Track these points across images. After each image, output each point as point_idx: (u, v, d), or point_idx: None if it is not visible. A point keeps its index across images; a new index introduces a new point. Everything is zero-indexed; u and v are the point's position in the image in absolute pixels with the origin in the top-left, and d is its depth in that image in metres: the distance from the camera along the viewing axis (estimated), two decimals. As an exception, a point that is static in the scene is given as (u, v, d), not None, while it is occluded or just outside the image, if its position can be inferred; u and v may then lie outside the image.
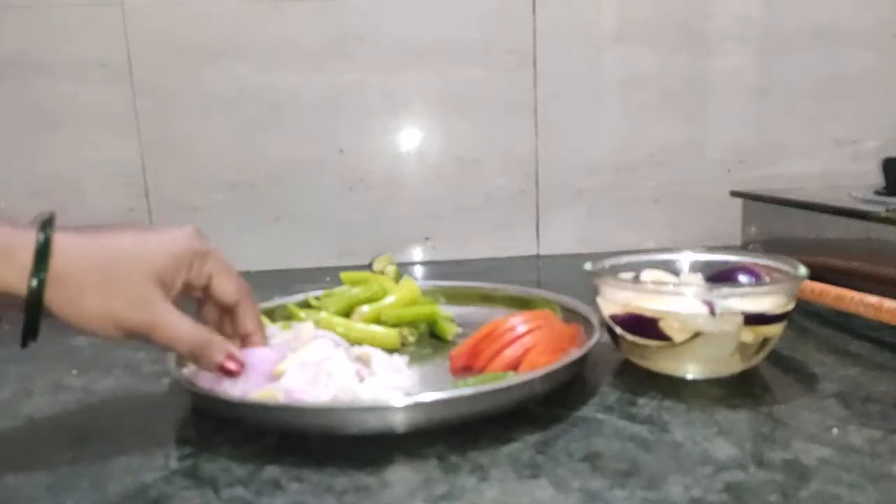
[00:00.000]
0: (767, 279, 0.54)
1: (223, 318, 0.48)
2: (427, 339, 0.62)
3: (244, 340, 0.47)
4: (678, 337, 0.49)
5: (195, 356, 0.43)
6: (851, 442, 0.40)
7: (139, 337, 0.41)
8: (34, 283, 0.38)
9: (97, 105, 0.91)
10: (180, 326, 0.42)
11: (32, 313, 0.39)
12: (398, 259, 0.93)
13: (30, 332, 0.39)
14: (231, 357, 0.44)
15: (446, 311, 0.64)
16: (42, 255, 0.38)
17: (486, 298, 0.69)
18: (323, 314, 0.61)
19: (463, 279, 0.72)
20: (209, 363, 0.43)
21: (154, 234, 0.43)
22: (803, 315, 0.63)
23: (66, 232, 0.39)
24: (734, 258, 0.58)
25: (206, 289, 0.45)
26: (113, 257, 0.40)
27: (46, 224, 0.39)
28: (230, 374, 0.44)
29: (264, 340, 0.48)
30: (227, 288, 0.46)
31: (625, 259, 0.58)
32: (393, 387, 0.48)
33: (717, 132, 1.01)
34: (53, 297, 0.38)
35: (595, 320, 0.55)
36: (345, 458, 0.40)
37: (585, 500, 0.35)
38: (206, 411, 0.47)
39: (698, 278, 0.58)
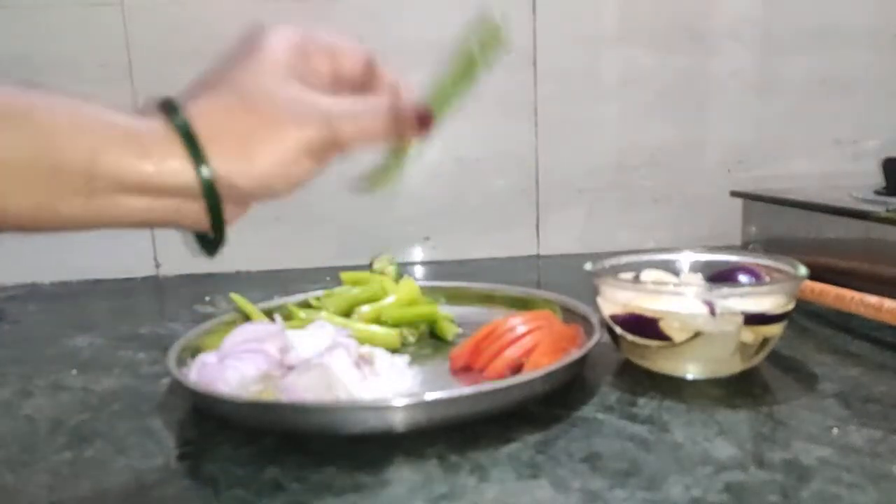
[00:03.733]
0: (767, 279, 0.54)
1: None
2: (427, 339, 0.62)
3: (394, 94, 0.39)
4: (678, 337, 0.49)
5: (394, 130, 0.37)
6: (851, 442, 0.40)
7: (329, 151, 0.36)
8: (197, 172, 0.32)
9: (97, 105, 0.91)
10: (359, 104, 0.36)
11: (213, 205, 0.33)
12: (398, 259, 0.93)
13: (219, 224, 0.34)
14: (423, 113, 0.39)
15: (446, 311, 0.64)
16: (189, 137, 0.33)
17: (486, 298, 0.69)
18: (323, 314, 0.61)
19: (463, 279, 0.72)
20: (409, 130, 0.38)
21: (249, 47, 0.38)
22: (803, 315, 0.63)
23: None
24: (734, 258, 0.58)
25: (329, 74, 0.39)
26: (238, 88, 0.35)
27: (171, 107, 0.34)
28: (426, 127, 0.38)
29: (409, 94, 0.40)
30: (353, 56, 0.39)
31: (625, 259, 0.58)
32: (394, 387, 0.48)
33: (717, 132, 1.01)
34: (221, 168, 0.33)
35: (595, 320, 0.55)
36: (345, 458, 0.40)
37: (585, 500, 0.35)
38: (206, 411, 0.47)
39: (698, 278, 0.58)
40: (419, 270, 0.95)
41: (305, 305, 0.65)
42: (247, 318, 0.61)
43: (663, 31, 0.97)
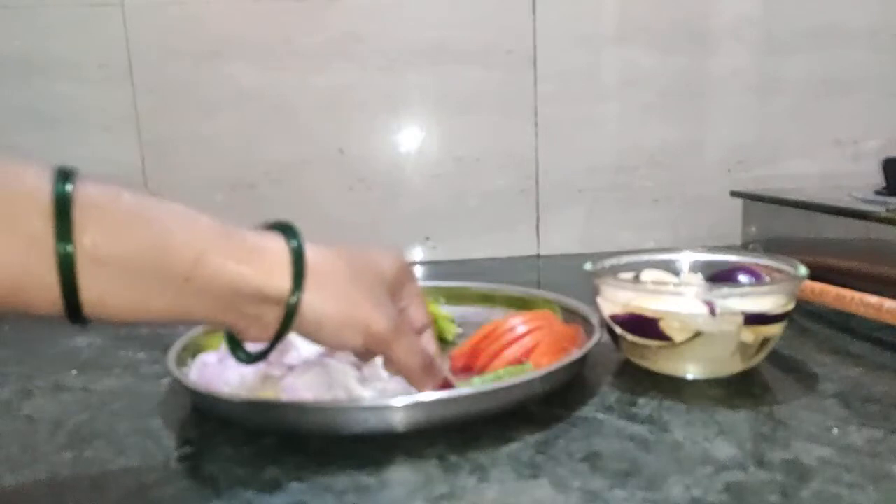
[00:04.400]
0: (767, 279, 0.54)
1: None
2: (427, 339, 0.62)
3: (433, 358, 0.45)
4: (678, 337, 0.49)
5: (421, 375, 0.42)
6: (851, 442, 0.40)
7: (375, 347, 0.39)
8: (294, 284, 0.36)
9: (97, 105, 0.91)
10: (416, 341, 0.41)
11: (288, 319, 0.36)
12: (398, 259, 0.93)
13: (277, 341, 0.37)
14: (447, 381, 0.44)
15: (446, 311, 0.64)
16: (299, 257, 0.36)
17: (486, 298, 0.69)
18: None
19: (463, 279, 0.72)
20: (430, 385, 0.42)
21: (371, 248, 0.42)
22: (803, 315, 0.63)
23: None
24: (734, 258, 0.58)
25: (402, 312, 0.44)
26: (354, 262, 0.39)
27: (289, 230, 0.38)
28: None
29: (445, 365, 0.46)
30: (421, 313, 0.45)
31: (625, 259, 0.58)
32: (394, 387, 0.48)
33: (717, 132, 1.01)
34: (309, 298, 0.36)
35: (595, 320, 0.55)
36: (345, 458, 0.40)
37: (585, 500, 0.35)
38: (206, 411, 0.47)
39: (698, 278, 0.58)
40: (419, 270, 0.95)
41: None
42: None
43: (663, 31, 0.97)
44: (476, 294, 0.70)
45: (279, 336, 0.37)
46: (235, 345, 0.39)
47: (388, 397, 0.45)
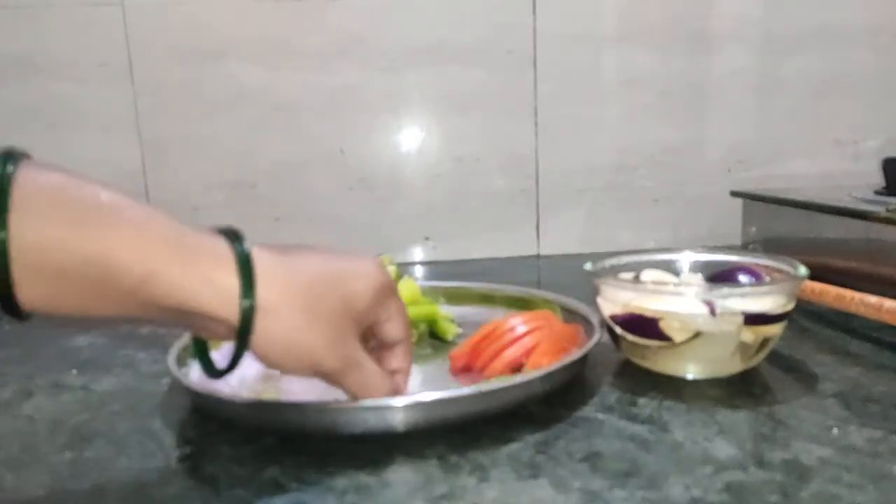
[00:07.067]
0: (767, 279, 0.54)
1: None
2: (427, 339, 0.62)
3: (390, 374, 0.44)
4: (678, 337, 0.49)
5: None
6: (851, 442, 0.40)
7: (325, 379, 0.39)
8: (245, 307, 0.34)
9: (97, 105, 0.91)
10: (372, 373, 0.40)
11: (241, 343, 0.35)
12: (398, 259, 0.93)
13: (236, 363, 0.37)
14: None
15: (446, 311, 0.64)
16: (247, 276, 0.34)
17: (486, 298, 0.69)
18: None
19: (463, 279, 0.72)
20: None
21: (347, 264, 0.39)
22: (803, 315, 0.63)
23: (260, 249, 0.36)
24: (734, 258, 0.58)
25: (378, 324, 0.42)
26: (314, 289, 0.37)
27: (236, 237, 0.35)
28: None
29: (408, 377, 0.44)
30: (397, 329, 0.43)
31: (625, 259, 0.58)
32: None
33: (717, 132, 1.01)
34: (257, 329, 0.35)
35: (595, 320, 0.55)
36: (345, 458, 0.40)
37: (585, 500, 0.35)
38: (206, 411, 0.47)
39: (698, 278, 0.58)
40: (419, 270, 0.95)
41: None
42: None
43: (663, 31, 0.97)
44: (476, 294, 0.70)
45: (239, 352, 0.36)
46: (203, 354, 0.39)
47: (389, 397, 0.45)
